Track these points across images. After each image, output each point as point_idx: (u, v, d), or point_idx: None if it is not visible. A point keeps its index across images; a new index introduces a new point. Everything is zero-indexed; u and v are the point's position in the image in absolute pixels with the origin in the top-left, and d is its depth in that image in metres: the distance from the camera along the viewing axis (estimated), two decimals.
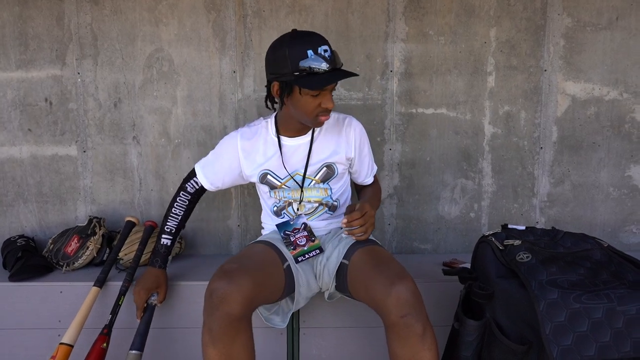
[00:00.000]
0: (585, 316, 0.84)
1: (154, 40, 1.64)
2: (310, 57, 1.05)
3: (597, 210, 1.76)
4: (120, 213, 1.70)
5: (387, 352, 1.37)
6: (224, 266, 1.06)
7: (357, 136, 1.29)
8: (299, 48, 1.07)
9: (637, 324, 0.84)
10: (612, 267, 0.97)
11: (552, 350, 0.82)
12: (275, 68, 1.12)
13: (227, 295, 0.97)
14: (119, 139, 1.68)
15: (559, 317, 0.85)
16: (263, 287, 1.07)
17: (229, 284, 0.98)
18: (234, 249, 1.75)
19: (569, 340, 0.83)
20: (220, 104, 1.67)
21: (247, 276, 1.01)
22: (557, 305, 0.86)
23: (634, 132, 1.72)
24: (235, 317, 0.97)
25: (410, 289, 0.97)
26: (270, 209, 1.33)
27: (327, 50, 1.09)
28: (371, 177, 1.40)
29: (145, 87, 1.66)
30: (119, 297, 1.33)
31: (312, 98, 1.10)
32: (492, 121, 1.71)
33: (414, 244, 1.76)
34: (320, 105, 1.11)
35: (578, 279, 0.90)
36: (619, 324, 0.84)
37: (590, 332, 0.84)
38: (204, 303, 1.01)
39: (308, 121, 1.17)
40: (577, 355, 0.82)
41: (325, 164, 1.26)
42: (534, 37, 1.68)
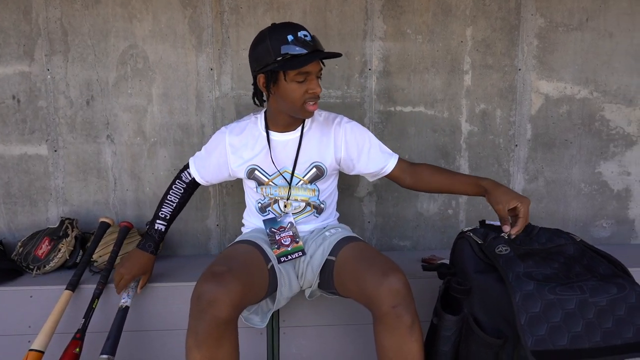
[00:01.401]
0: (559, 307, 0.87)
1: (128, 36, 1.60)
2: (291, 41, 1.06)
3: (569, 205, 1.81)
4: (94, 214, 1.65)
5: (367, 349, 1.38)
6: (212, 268, 1.03)
7: (347, 135, 1.25)
8: (278, 35, 1.08)
9: (606, 315, 0.87)
10: (584, 261, 1.00)
11: (527, 340, 0.84)
12: (259, 61, 1.12)
13: (216, 299, 0.95)
14: (92, 138, 1.63)
15: (534, 308, 0.87)
16: (250, 289, 1.05)
17: (218, 287, 0.96)
18: (212, 249, 1.72)
19: (543, 330, 0.85)
20: (197, 102, 1.65)
21: (236, 279, 1.00)
22: (532, 297, 0.88)
23: (604, 130, 1.78)
24: (222, 320, 0.96)
25: (402, 281, 0.99)
26: (255, 205, 1.31)
27: (306, 35, 1.09)
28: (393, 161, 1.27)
29: (119, 85, 1.61)
30: (92, 300, 1.30)
31: (297, 85, 1.09)
32: (469, 119, 1.74)
33: (393, 241, 1.77)
34: (307, 91, 1.10)
35: (552, 272, 0.93)
36: (590, 314, 0.86)
37: (563, 323, 0.86)
38: (190, 305, 0.99)
39: (297, 110, 1.14)
40: (550, 345, 0.84)
41: (314, 164, 1.24)
42: (509, 37, 1.71)
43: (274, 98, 1.17)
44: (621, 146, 1.79)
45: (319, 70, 1.12)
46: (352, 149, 1.26)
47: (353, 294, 1.11)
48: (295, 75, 1.08)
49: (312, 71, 1.10)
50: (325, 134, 1.25)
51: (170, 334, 1.36)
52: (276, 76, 1.10)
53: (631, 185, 1.81)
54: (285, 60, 1.06)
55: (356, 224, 1.74)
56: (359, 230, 1.74)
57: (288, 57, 1.06)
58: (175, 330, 1.35)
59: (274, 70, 1.09)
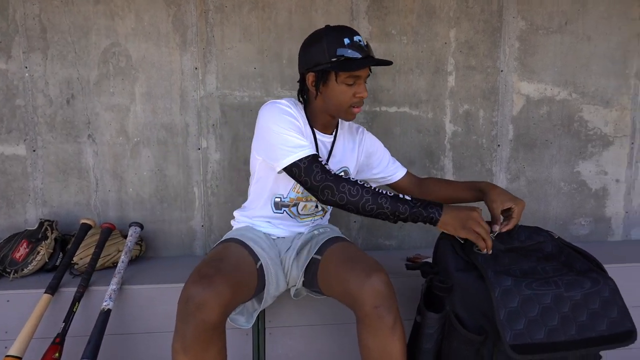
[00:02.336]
0: (535, 302, 0.89)
1: (110, 34, 1.57)
2: (347, 44, 1.08)
3: (550, 204, 1.85)
4: (75, 215, 1.61)
5: (352, 348, 1.38)
6: (200, 270, 1.00)
7: (367, 143, 1.33)
8: (335, 37, 1.09)
9: (581, 308, 0.89)
10: (562, 258, 1.02)
11: (506, 335, 0.86)
12: (311, 59, 1.12)
13: (205, 302, 0.92)
14: (73, 138, 1.59)
15: (512, 303, 0.89)
16: (239, 290, 1.04)
17: (207, 290, 0.93)
18: (197, 250, 1.71)
19: (521, 324, 0.87)
20: (181, 101, 1.63)
21: (225, 281, 0.98)
22: (510, 292, 0.90)
23: (582, 131, 1.83)
24: (211, 324, 0.94)
25: (384, 281, 1.00)
26: (272, 199, 1.24)
27: (361, 41, 1.11)
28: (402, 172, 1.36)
29: (101, 83, 1.58)
30: (73, 304, 1.27)
31: (347, 87, 1.11)
32: (453, 120, 1.76)
33: (379, 240, 1.79)
34: (355, 94, 1.12)
35: (530, 268, 0.95)
36: (565, 308, 0.89)
37: (540, 317, 0.88)
38: (177, 308, 0.96)
39: (341, 112, 1.15)
40: (528, 339, 0.86)
41: (343, 168, 1.27)
42: (491, 39, 1.74)
43: (321, 97, 1.16)
44: (599, 146, 1.84)
45: (367, 75, 1.15)
46: (370, 156, 1.34)
47: (336, 294, 1.11)
48: (347, 78, 1.10)
49: (362, 75, 1.12)
50: (351, 140, 1.31)
51: (153, 337, 1.34)
52: (327, 76, 1.11)
53: (608, 185, 1.87)
54: (339, 62, 1.08)
55: (342, 223, 1.74)
56: (345, 229, 1.75)
57: (343, 60, 1.08)
58: (159, 333, 1.33)
59: (326, 70, 1.10)
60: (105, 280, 1.36)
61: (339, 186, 1.03)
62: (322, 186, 1.03)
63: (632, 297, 1.50)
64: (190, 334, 0.93)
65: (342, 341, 1.40)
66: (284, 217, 1.27)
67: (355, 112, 1.15)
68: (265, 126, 1.12)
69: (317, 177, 1.04)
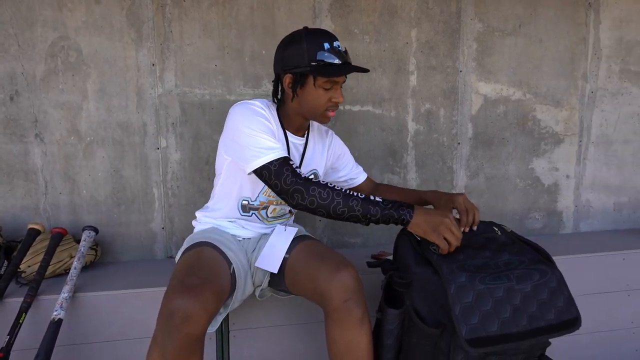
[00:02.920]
0: (489, 296, 0.92)
1: (58, 26, 1.47)
2: (327, 49, 1.08)
3: (507, 199, 1.93)
4: (22, 220, 1.51)
5: (318, 347, 1.39)
6: (184, 280, 0.96)
7: (335, 146, 1.35)
8: (315, 41, 1.09)
9: (531, 300, 0.94)
10: (514, 249, 1.06)
11: (462, 329, 0.89)
12: (290, 61, 1.11)
13: (192, 315, 0.88)
14: (18, 137, 1.49)
15: (467, 298, 0.91)
16: (221, 297, 1.01)
17: (194, 302, 0.89)
18: (158, 253, 1.64)
19: (476, 319, 0.90)
20: (138, 99, 1.56)
21: (211, 292, 0.94)
22: (465, 288, 0.92)
23: (535, 129, 1.92)
24: (196, 337, 0.91)
25: (353, 276, 1.01)
26: (239, 202, 1.22)
27: (339, 46, 1.12)
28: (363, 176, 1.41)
29: (49, 79, 1.49)
30: (19, 315, 1.18)
31: (324, 91, 1.11)
32: (415, 118, 1.80)
33: (344, 238, 1.80)
34: (331, 99, 1.13)
35: (483, 262, 0.99)
36: (516, 300, 0.93)
37: (494, 310, 0.91)
38: (158, 320, 0.92)
39: (317, 115, 1.15)
40: (482, 332, 0.89)
41: (313, 170, 1.28)
42: (450, 40, 1.79)
43: (297, 100, 1.15)
44: (550, 144, 1.94)
45: (344, 81, 1.15)
46: (338, 159, 1.36)
47: (305, 291, 1.11)
48: (325, 83, 1.10)
49: (340, 81, 1.13)
50: (321, 142, 1.31)
51: (111, 346, 1.28)
52: (305, 79, 1.11)
53: (559, 180, 1.97)
54: (319, 67, 1.08)
55: (307, 222, 1.74)
56: (310, 228, 1.75)
57: (322, 64, 1.08)
58: (116, 341, 1.28)
59: (305, 74, 1.09)
60: (56, 289, 1.29)
61: (309, 190, 1.01)
62: (292, 190, 1.01)
63: (581, 287, 1.60)
64: (171, 348, 0.89)
65: (307, 340, 1.39)
66: (251, 219, 1.25)
67: (330, 115, 1.16)
68: (236, 127, 1.09)
69: (288, 181, 1.02)
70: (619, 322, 1.64)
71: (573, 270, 1.56)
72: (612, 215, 2.04)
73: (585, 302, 1.60)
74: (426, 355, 1.00)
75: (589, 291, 1.61)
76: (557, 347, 1.21)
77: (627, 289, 1.64)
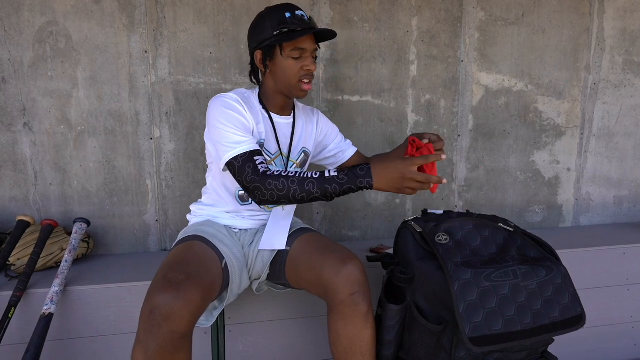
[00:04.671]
0: (493, 293, 0.90)
1: (46, 11, 1.42)
2: (288, 18, 1.09)
3: (507, 192, 1.91)
4: (11, 212, 1.47)
5: (314, 341, 1.36)
6: (168, 275, 0.93)
7: (322, 122, 1.33)
8: (277, 13, 1.10)
9: (536, 297, 0.91)
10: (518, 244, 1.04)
11: (465, 328, 0.87)
12: (257, 38, 1.13)
13: (174, 312, 0.86)
14: (6, 126, 1.44)
15: (471, 296, 0.89)
16: (209, 294, 0.98)
17: (176, 299, 0.87)
18: (152, 246, 1.61)
19: (479, 317, 0.88)
20: (130, 87, 1.51)
21: (195, 287, 0.91)
22: (469, 285, 0.90)
23: (537, 121, 1.89)
24: (179, 335, 0.88)
25: (359, 269, 1.00)
26: (235, 192, 1.21)
27: (304, 15, 1.12)
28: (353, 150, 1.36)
29: (37, 66, 1.44)
30: (8, 309, 1.15)
31: (293, 61, 1.11)
32: (415, 109, 1.76)
33: (342, 231, 1.77)
34: (303, 67, 1.11)
35: (489, 257, 0.96)
36: (521, 298, 0.90)
37: (498, 308, 0.89)
38: (141, 317, 0.89)
39: (292, 88, 1.14)
40: (486, 330, 0.87)
41: (303, 149, 1.26)
42: (452, 29, 1.74)
43: (271, 75, 1.16)
44: (552, 136, 1.91)
45: (314, 49, 1.13)
46: (326, 135, 1.33)
47: (308, 284, 1.08)
48: (292, 51, 1.10)
49: (308, 49, 1.11)
50: (308, 121, 1.29)
51: (102, 341, 1.25)
52: (273, 51, 1.11)
53: (560, 173, 1.94)
54: (282, 35, 1.08)
55: (305, 215, 1.71)
56: (307, 221, 1.72)
57: (285, 32, 1.08)
58: (108, 336, 1.25)
59: (271, 45, 1.11)
60: (46, 282, 1.25)
61: (265, 184, 1.00)
62: (252, 187, 1.02)
63: (581, 281, 1.58)
64: (155, 345, 0.86)
65: (303, 335, 1.37)
66: (252, 206, 1.23)
67: (306, 88, 1.14)
68: (209, 122, 1.11)
69: (248, 179, 1.02)
70: (618, 316, 1.63)
71: (573, 265, 1.55)
72: (612, 209, 2.02)
73: (585, 297, 1.59)
74: (428, 351, 0.98)
75: (589, 285, 1.59)
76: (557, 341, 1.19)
77: (627, 284, 1.62)
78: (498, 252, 0.99)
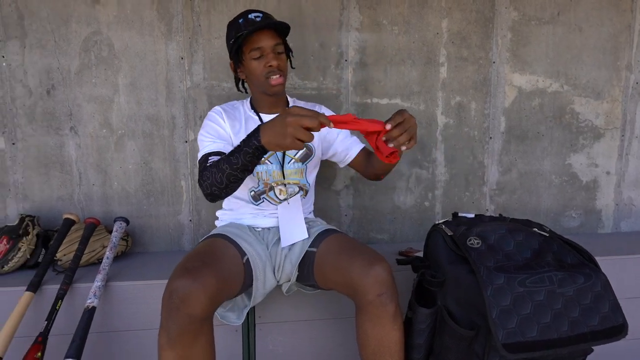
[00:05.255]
0: (528, 299, 0.87)
1: (91, 22, 1.51)
2: (242, 23, 1.15)
3: (541, 196, 1.85)
4: (58, 210, 1.57)
5: (343, 342, 1.37)
6: (185, 264, 0.99)
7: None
8: (235, 22, 1.18)
9: (573, 305, 0.88)
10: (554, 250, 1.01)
11: (498, 334, 0.85)
12: (228, 49, 1.22)
13: (190, 295, 0.91)
14: (54, 130, 1.54)
15: (505, 302, 0.87)
16: (225, 283, 1.02)
17: (192, 282, 0.92)
18: (186, 245, 1.67)
19: (513, 323, 0.86)
20: (167, 92, 1.58)
21: (211, 274, 0.96)
22: (503, 290, 0.88)
23: (573, 123, 1.82)
24: (197, 318, 0.92)
25: (387, 270, 1.00)
26: (248, 194, 1.26)
27: (258, 16, 1.16)
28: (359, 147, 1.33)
29: (83, 73, 1.53)
30: (56, 302, 1.23)
31: (256, 61, 1.17)
32: (445, 112, 1.74)
33: (370, 234, 1.77)
34: (265, 65, 1.16)
35: (523, 263, 0.94)
36: (558, 305, 0.88)
37: (533, 314, 0.87)
38: (162, 303, 0.94)
39: (263, 86, 1.20)
40: (520, 337, 0.85)
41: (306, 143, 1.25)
42: (483, 30, 1.72)
43: (247, 80, 1.24)
44: (590, 139, 1.84)
45: (273, 45, 1.17)
46: (329, 131, 1.34)
47: (336, 285, 1.10)
48: (250, 52, 1.16)
49: (265, 46, 1.16)
50: None
51: (139, 335, 1.31)
52: (236, 58, 1.19)
53: (599, 177, 1.87)
54: (236, 40, 1.15)
55: (333, 217, 1.72)
56: (336, 223, 1.73)
57: (238, 37, 1.15)
58: (145, 330, 1.30)
59: (234, 52, 1.18)
60: (89, 277, 1.33)
61: (201, 180, 1.07)
62: (200, 185, 1.08)
63: (622, 290, 1.51)
64: (175, 328, 0.90)
65: (332, 336, 1.38)
66: (264, 205, 1.26)
67: (274, 82, 1.17)
68: None
69: (198, 178, 1.11)
70: None
71: (613, 272, 1.48)
72: None
73: (625, 307, 1.51)
74: (459, 356, 0.97)
75: (630, 295, 1.52)
76: (595, 353, 1.14)
77: None
78: (533, 257, 0.97)
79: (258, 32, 1.15)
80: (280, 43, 1.18)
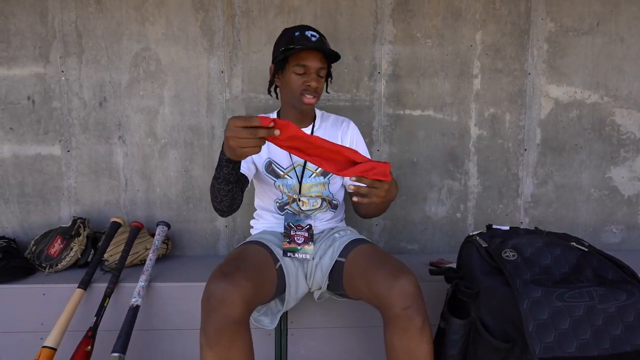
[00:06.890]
0: (566, 314, 0.86)
1: (141, 39, 1.62)
2: (297, 36, 1.19)
3: (579, 210, 1.80)
4: (106, 214, 1.67)
5: (374, 350, 1.38)
6: (222, 268, 1.03)
7: (353, 136, 1.36)
8: (289, 32, 1.22)
9: (615, 321, 0.86)
10: (593, 265, 0.99)
11: (535, 348, 0.84)
12: (274, 54, 1.26)
13: (227, 297, 0.95)
14: (105, 139, 1.65)
15: (542, 315, 0.86)
16: (260, 287, 1.06)
17: (228, 285, 0.96)
18: (221, 250, 1.74)
19: (551, 337, 0.85)
20: (208, 104, 1.66)
21: (246, 277, 1.00)
22: (540, 304, 0.87)
23: (614, 135, 1.77)
24: (233, 319, 0.96)
25: (413, 282, 1.00)
26: (274, 205, 1.33)
27: (314, 35, 1.20)
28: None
29: (132, 86, 1.64)
30: (104, 299, 1.31)
31: (297, 76, 1.20)
32: (478, 123, 1.73)
33: (401, 244, 1.77)
34: (304, 83, 1.20)
35: (561, 277, 0.92)
36: (599, 321, 0.86)
37: (571, 330, 0.85)
38: (201, 305, 0.99)
39: (295, 100, 1.23)
40: (558, 352, 0.84)
41: None
42: (519, 41, 1.71)
43: (281, 88, 1.27)
44: (632, 151, 1.78)
45: (319, 68, 1.20)
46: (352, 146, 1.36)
47: (363, 296, 1.11)
48: (295, 66, 1.19)
49: (311, 66, 1.19)
50: (333, 130, 1.35)
51: (179, 334, 1.37)
52: (282, 66, 1.22)
53: None
54: (287, 51, 1.19)
55: (364, 226, 1.74)
56: (367, 233, 1.75)
57: (290, 48, 1.18)
58: (183, 330, 1.37)
59: (281, 60, 1.22)
60: (134, 277, 1.41)
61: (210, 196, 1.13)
62: None
63: None
64: (212, 329, 0.95)
65: (363, 344, 1.39)
66: (289, 215, 1.30)
67: (307, 101, 1.21)
68: None
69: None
70: None
71: None
72: None
73: None
74: None
75: None
76: None
77: None
78: (571, 271, 0.95)
79: (310, 50, 1.18)
80: (324, 68, 1.22)
